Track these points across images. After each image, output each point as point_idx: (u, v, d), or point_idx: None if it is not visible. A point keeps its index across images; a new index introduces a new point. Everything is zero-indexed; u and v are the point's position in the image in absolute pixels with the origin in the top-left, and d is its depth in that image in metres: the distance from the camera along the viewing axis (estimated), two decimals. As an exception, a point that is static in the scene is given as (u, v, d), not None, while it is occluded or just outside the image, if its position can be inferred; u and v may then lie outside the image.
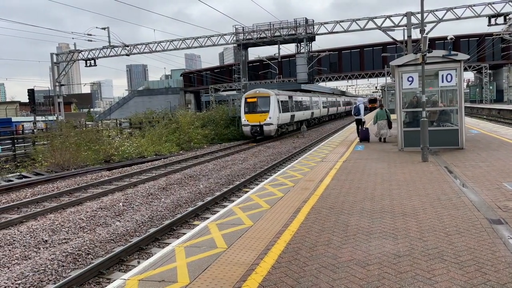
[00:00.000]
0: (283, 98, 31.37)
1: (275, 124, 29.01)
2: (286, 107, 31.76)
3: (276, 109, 28.94)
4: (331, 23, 42.50)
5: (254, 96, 29.69)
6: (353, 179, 9.67)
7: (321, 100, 48.09)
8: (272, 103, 28.83)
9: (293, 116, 34.24)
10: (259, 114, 28.67)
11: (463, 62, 13.47)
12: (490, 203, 7.00)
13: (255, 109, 29.21)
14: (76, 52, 47.91)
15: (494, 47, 63.68)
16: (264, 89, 31.44)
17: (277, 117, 29.05)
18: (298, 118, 36.13)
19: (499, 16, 35.45)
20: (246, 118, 29.17)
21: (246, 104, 29.74)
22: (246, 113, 29.37)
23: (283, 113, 30.66)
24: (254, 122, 28.70)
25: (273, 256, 5.10)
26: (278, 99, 29.73)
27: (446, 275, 4.33)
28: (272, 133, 28.97)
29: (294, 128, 36.31)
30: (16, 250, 8.30)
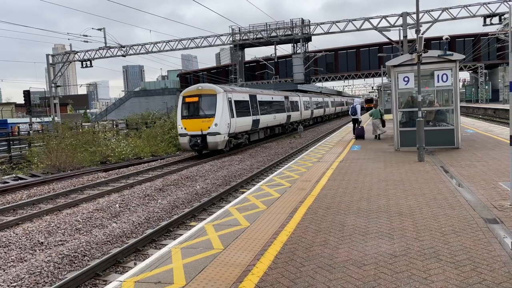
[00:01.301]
0: (239, 97, 24.00)
1: (225, 133, 21.14)
2: (245, 109, 24.39)
3: (226, 112, 21.24)
4: (327, 23, 42.61)
5: (195, 94, 21.62)
6: (350, 179, 9.68)
7: (302, 100, 39.99)
8: (220, 104, 21.00)
9: (257, 121, 26.23)
10: (202, 119, 20.92)
11: (458, 62, 13.53)
12: (486, 202, 7.02)
13: (196, 112, 21.45)
14: (72, 53, 47.79)
15: (489, 47, 64.02)
16: (211, 84, 23.97)
17: (227, 124, 21.19)
18: (266, 124, 28.24)
19: (494, 16, 35.66)
20: (184, 125, 21.29)
21: (184, 105, 21.84)
22: (184, 117, 21.51)
23: (240, 117, 23.18)
24: (194, 130, 20.80)
25: (270, 257, 5.10)
26: (230, 98, 22.24)
27: (442, 275, 4.34)
28: (220, 146, 20.92)
29: (261, 137, 28.17)
30: (12, 252, 8.26)
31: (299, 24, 49.52)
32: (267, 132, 29.60)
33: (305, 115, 40.56)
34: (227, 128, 21.39)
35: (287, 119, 33.86)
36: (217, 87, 21.97)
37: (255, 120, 25.93)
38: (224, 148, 21.66)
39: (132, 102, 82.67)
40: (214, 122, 20.69)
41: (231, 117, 21.79)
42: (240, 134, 23.98)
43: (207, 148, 20.96)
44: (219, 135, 20.75)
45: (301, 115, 38.90)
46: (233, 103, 22.45)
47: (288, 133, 34.70)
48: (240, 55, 55.12)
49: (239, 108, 23.25)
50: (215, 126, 20.68)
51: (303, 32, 47.42)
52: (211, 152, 21.94)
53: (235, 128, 22.56)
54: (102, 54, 46.61)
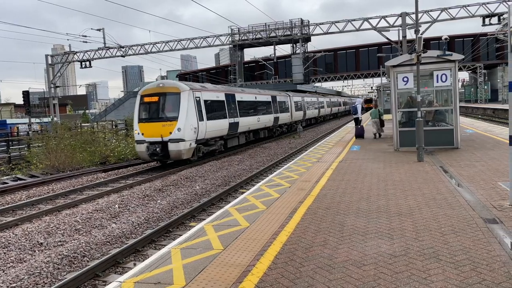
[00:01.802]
0: (211, 97, 20.60)
1: (191, 139, 18.01)
2: (219, 110, 21.28)
3: (192, 115, 18.09)
4: (327, 23, 42.63)
5: (154, 93, 18.46)
6: (349, 180, 9.68)
7: (293, 100, 36.73)
8: (184, 105, 17.83)
9: (235, 124, 22.96)
10: (162, 123, 17.83)
11: (457, 62, 13.54)
12: (485, 202, 7.03)
13: (156, 114, 18.31)
14: (71, 53, 47.77)
15: (488, 47, 64.09)
16: (173, 81, 20.46)
17: (193, 128, 18.09)
18: (247, 127, 25.13)
19: (493, 16, 35.70)
20: (141, 130, 18.13)
21: (142, 106, 18.68)
22: (141, 121, 18.39)
23: (212, 120, 19.98)
24: (153, 136, 17.76)
25: (269, 257, 5.10)
26: (199, 97, 18.97)
27: (442, 275, 4.34)
28: (185, 155, 17.73)
29: (242, 142, 24.94)
30: (11, 253, 8.25)
31: (298, 25, 49.56)
32: (249, 136, 26.31)
33: (296, 116, 37.39)
34: (194, 134, 18.18)
35: (274, 122, 30.71)
36: (182, 84, 18.60)
37: (233, 123, 22.59)
38: (191, 158, 18.47)
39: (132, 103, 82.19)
40: (177, 126, 17.48)
41: (199, 120, 18.56)
42: (213, 140, 20.64)
43: (168, 157, 17.85)
44: (183, 142, 17.49)
45: (292, 117, 35.91)
46: (203, 104, 19.23)
47: (276, 137, 31.88)
48: (239, 56, 55.15)
49: (211, 109, 20.09)
50: (178, 131, 17.45)
51: (302, 32, 47.44)
52: (176, 162, 18.92)
53: (205, 133, 19.20)
54: (101, 55, 46.59)
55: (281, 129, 33.61)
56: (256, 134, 27.70)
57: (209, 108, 19.87)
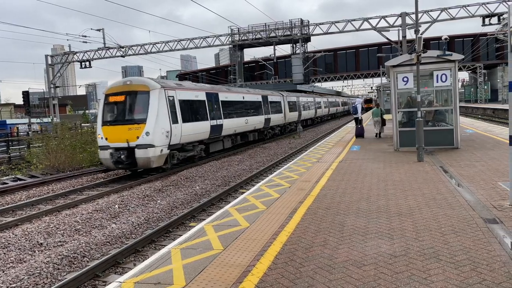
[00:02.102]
0: (189, 96, 18.36)
1: (162, 144, 15.75)
2: (199, 112, 19.13)
3: (164, 116, 15.91)
4: (326, 23, 42.64)
5: (121, 92, 16.23)
6: (349, 180, 9.68)
7: (287, 100, 34.89)
8: (154, 105, 15.62)
9: (218, 127, 20.73)
10: (128, 126, 15.58)
11: (457, 62, 13.55)
12: (485, 202, 7.03)
13: (122, 116, 16.10)
14: (71, 53, 47.78)
15: (488, 47, 64.10)
16: (143, 78, 18.01)
17: (165, 132, 15.85)
18: (233, 130, 22.89)
19: (493, 16, 35.70)
20: (104, 134, 15.98)
21: (107, 107, 16.54)
22: (105, 123, 16.19)
23: (190, 122, 17.87)
24: (118, 141, 15.58)
25: (269, 257, 5.10)
26: (173, 97, 16.79)
27: (442, 275, 4.34)
28: (155, 163, 15.49)
29: (227, 146, 22.82)
30: (11, 253, 8.25)
31: (298, 25, 49.56)
32: (236, 139, 24.24)
33: (290, 117, 35.36)
34: (166, 138, 15.91)
35: (265, 123, 28.51)
36: (152, 81, 16.34)
37: (216, 125, 20.46)
38: (163, 166, 16.29)
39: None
40: (145, 130, 15.27)
41: (173, 122, 16.36)
42: (191, 144, 18.47)
43: (136, 165, 15.54)
44: (152, 148, 15.21)
45: (285, 118, 33.77)
46: (178, 104, 17.10)
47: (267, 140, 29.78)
48: (239, 56, 55.16)
49: (188, 110, 18.05)
50: (147, 136, 15.24)
51: (302, 32, 47.45)
52: (148, 170, 16.78)
53: (181, 138, 17.08)
54: (101, 55, 46.59)
55: (273, 131, 31.44)
56: (245, 137, 25.58)
57: (186, 108, 17.74)
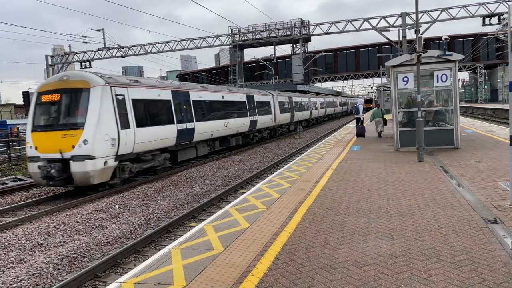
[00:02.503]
0: (146, 95, 15.37)
1: (106, 155, 12.88)
2: (161, 113, 16.16)
3: (109, 120, 13.06)
4: (327, 24, 42.65)
5: (55, 90, 13.37)
6: (349, 180, 9.67)
7: (278, 100, 31.97)
8: (95, 105, 12.80)
9: (188, 131, 17.85)
10: (62, 132, 12.78)
11: (458, 62, 13.54)
12: (486, 202, 7.02)
13: (56, 120, 13.34)
14: (71, 54, 47.81)
15: (488, 47, 64.10)
16: (84, 72, 14.54)
17: (109, 139, 12.93)
18: (210, 134, 20.09)
19: (493, 16, 35.70)
20: (34, 142, 13.21)
21: (38, 108, 13.69)
22: (35, 129, 13.42)
23: (147, 126, 14.95)
24: (49, 151, 12.83)
25: (270, 258, 5.09)
26: (122, 95, 13.91)
27: (443, 275, 4.33)
28: (96, 179, 12.66)
29: (202, 153, 19.90)
30: (11, 253, 8.24)
31: (298, 25, 49.53)
32: (213, 145, 21.39)
33: (282, 119, 32.57)
34: (112, 147, 13.01)
35: (251, 126, 25.79)
36: (94, 76, 13.34)
37: (185, 130, 17.54)
38: (109, 181, 13.44)
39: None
40: (83, 137, 12.38)
41: (122, 127, 13.44)
42: (150, 153, 15.38)
43: (72, 182, 12.72)
44: (91, 160, 12.31)
45: (275, 120, 30.94)
46: (131, 104, 14.15)
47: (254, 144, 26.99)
48: (239, 56, 55.14)
49: (146, 112, 15.08)
50: (85, 145, 12.32)
51: (302, 32, 47.45)
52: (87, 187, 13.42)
53: (134, 145, 14.09)
54: (101, 55, 46.62)
55: (261, 134, 28.71)
56: (225, 141, 22.83)
57: (142, 110, 14.85)
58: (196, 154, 19.36)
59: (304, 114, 41.33)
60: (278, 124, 31.98)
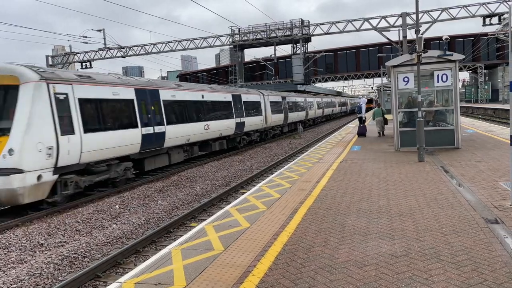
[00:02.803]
0: (99, 93, 13.13)
1: (40, 168, 10.63)
2: (120, 115, 13.90)
3: (42, 124, 10.88)
4: (327, 24, 42.67)
5: None
6: (350, 180, 9.67)
7: (270, 100, 29.85)
8: (25, 106, 10.61)
9: (157, 136, 15.53)
10: None
11: (458, 62, 13.53)
12: (486, 202, 7.02)
13: None
14: (72, 54, 47.84)
15: (489, 47, 64.07)
16: (14, 65, 11.43)
17: (44, 149, 10.74)
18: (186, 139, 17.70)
19: (494, 16, 35.74)
20: None
21: None
22: None
23: (99, 132, 12.78)
24: None
25: (270, 258, 5.09)
26: (64, 94, 11.78)
27: (443, 275, 4.33)
28: (26, 198, 10.34)
29: (176, 160, 17.58)
30: (12, 253, 8.25)
31: (299, 25, 49.53)
32: (192, 150, 19.06)
33: (273, 120, 30.21)
34: (48, 157, 10.79)
35: (237, 129, 23.40)
36: (25, 70, 11.02)
37: (152, 134, 15.14)
38: (47, 199, 11.18)
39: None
40: (8, 146, 10.22)
41: (62, 132, 11.30)
42: (104, 163, 13.11)
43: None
44: (19, 174, 10.12)
45: (266, 121, 28.73)
46: (77, 105, 12.00)
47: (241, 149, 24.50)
48: (239, 56, 55.15)
49: (98, 114, 12.86)
50: (10, 155, 10.16)
51: (302, 32, 47.46)
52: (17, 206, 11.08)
53: (82, 154, 11.92)
54: (101, 55, 46.67)
55: (250, 137, 26.31)
56: (206, 146, 20.63)
57: (92, 112, 12.66)
58: (169, 161, 17.08)
59: (300, 115, 39.09)
60: (270, 126, 29.86)
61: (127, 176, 14.56)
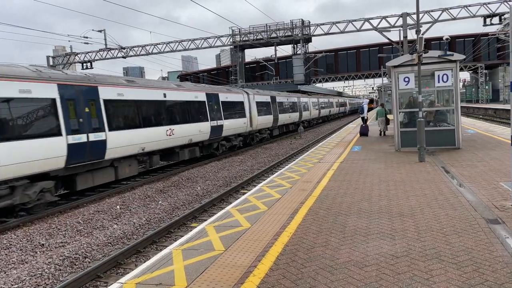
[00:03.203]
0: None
1: None
2: (33, 120, 10.79)
3: None
4: (327, 24, 42.67)
5: None
6: (351, 180, 9.67)
7: (256, 100, 26.53)
8: None
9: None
10: None
11: (458, 62, 13.53)
12: (487, 202, 7.01)
13: None
14: (73, 54, 47.89)
15: (489, 47, 64.01)
16: None
17: None
18: (140, 147, 14.61)
19: (494, 16, 35.72)
20: None
21: None
22: None
23: None
24: None
25: (271, 258, 5.09)
26: None
27: (444, 276, 4.33)
28: None
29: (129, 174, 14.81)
30: (13, 254, 8.25)
31: (299, 25, 49.52)
32: (150, 161, 15.87)
33: (260, 123, 26.65)
34: None
35: (213, 133, 19.73)
36: None
37: (86, 144, 12.11)
38: None
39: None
40: None
41: None
42: (5, 186, 10.00)
43: None
44: None
45: (251, 124, 24.94)
46: None
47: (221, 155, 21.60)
48: (240, 56, 55.18)
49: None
50: None
51: (303, 33, 47.47)
52: None
53: None
54: (102, 56, 46.70)
55: (231, 143, 22.72)
56: (171, 155, 17.29)
57: None
58: (115, 176, 13.97)
59: (292, 116, 35.14)
60: (256, 129, 26.44)
61: (44, 200, 11.15)
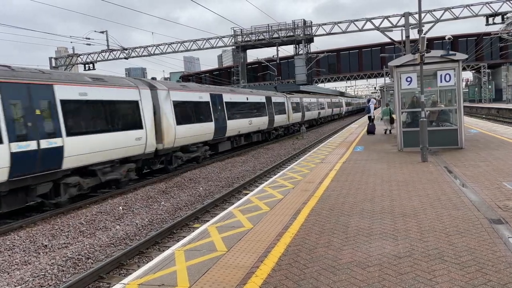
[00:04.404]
0: None
1: None
2: None
3: None
4: (329, 24, 42.65)
5: None
6: (353, 180, 9.65)
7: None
8: None
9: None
10: None
11: (461, 62, 13.49)
12: (490, 202, 6.99)
13: None
14: (75, 56, 48.03)
15: (492, 47, 63.81)
16: None
17: None
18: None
19: (497, 16, 35.64)
20: None
21: None
22: None
23: None
24: None
25: (273, 259, 5.09)
26: None
27: (447, 276, 4.32)
28: None
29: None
30: (16, 255, 8.27)
31: (301, 25, 49.52)
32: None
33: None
34: None
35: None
36: None
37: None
38: None
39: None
40: None
41: None
42: None
43: None
44: None
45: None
46: None
47: None
48: (242, 57, 55.19)
49: None
50: None
51: (305, 33, 47.45)
52: None
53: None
54: (104, 57, 46.83)
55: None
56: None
57: None
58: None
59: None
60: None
61: None
